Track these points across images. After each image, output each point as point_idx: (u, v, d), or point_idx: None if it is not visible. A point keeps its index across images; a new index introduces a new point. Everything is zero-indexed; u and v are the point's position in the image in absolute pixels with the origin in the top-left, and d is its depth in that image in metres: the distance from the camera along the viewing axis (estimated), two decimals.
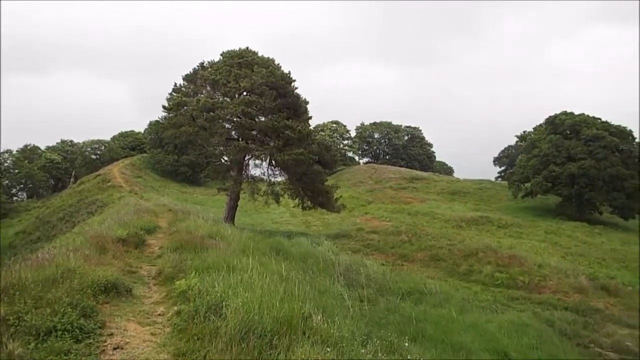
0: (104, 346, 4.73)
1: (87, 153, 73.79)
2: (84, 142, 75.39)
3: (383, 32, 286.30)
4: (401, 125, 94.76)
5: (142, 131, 74.01)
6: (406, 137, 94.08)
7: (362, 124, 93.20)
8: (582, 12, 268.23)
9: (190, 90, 27.90)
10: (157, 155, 60.96)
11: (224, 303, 5.51)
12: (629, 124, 50.61)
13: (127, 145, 74.13)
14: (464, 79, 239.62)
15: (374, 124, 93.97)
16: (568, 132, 50.49)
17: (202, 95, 26.93)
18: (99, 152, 73.99)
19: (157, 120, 29.24)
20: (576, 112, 52.37)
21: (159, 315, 6.04)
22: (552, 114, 53.99)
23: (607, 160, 46.51)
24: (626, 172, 46.39)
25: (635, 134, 50.52)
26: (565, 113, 52.57)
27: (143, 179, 53.50)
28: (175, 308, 5.95)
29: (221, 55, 28.65)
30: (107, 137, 78.26)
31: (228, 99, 26.36)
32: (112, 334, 5.03)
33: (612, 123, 50.10)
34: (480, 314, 12.56)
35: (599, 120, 50.36)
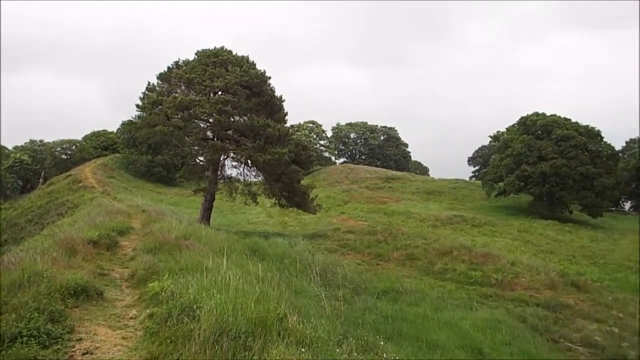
0: (73, 351, 4.60)
1: (57, 153, 71.88)
2: (53, 142, 73.42)
3: (357, 34, 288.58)
4: (377, 126, 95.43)
5: (115, 131, 72.63)
6: (382, 137, 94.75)
7: (338, 124, 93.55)
8: (548, 17, 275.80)
9: (164, 89, 27.48)
10: (131, 155, 59.91)
11: (197, 305, 5.43)
12: (597, 124, 52.17)
13: (99, 145, 72.59)
14: (437, 80, 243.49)
15: (350, 124, 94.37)
16: (540, 133, 51.64)
17: (177, 94, 26.56)
18: (69, 152, 72.19)
19: (130, 120, 28.79)
20: (548, 113, 53.65)
21: (131, 318, 5.92)
22: (525, 114, 55.21)
23: (577, 160, 47.77)
24: (595, 170, 47.72)
25: (603, 135, 52.07)
26: (537, 114, 53.76)
27: (116, 180, 52.48)
28: (148, 311, 5.84)
29: (196, 54, 28.32)
30: (79, 137, 76.57)
31: (204, 98, 26.05)
32: (81, 339, 4.90)
33: (581, 124, 51.49)
34: (455, 312, 12.72)
35: (569, 121, 51.68)
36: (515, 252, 26.18)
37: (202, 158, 29.26)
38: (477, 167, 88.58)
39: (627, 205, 72.08)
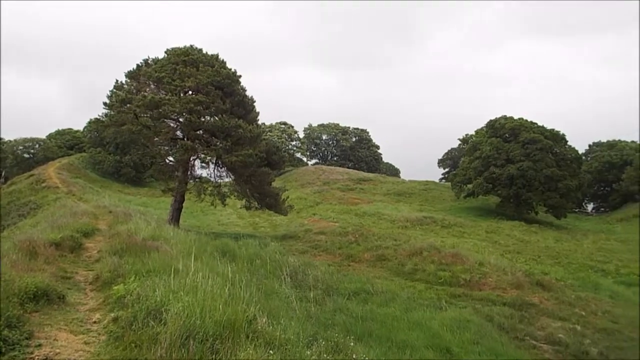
0: (31, 358, 4.42)
1: (19, 152, 69.32)
2: (15, 140, 70.74)
3: (326, 37, 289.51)
4: (349, 127, 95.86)
5: (82, 129, 70.67)
6: (354, 139, 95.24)
7: (310, 125, 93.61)
8: (509, 25, 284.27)
9: (133, 87, 26.90)
10: (98, 154, 58.44)
11: (164, 308, 5.31)
12: (559, 128, 53.78)
13: (64, 144, 70.49)
14: (407, 83, 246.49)
15: (322, 125, 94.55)
16: (507, 136, 52.85)
17: (146, 93, 26.03)
18: (32, 151, 69.76)
19: (97, 118, 28.02)
20: (515, 117, 54.96)
21: (94, 322, 5.74)
22: (492, 117, 56.43)
23: (543, 162, 49.09)
24: (559, 173, 49.15)
25: (567, 139, 53.73)
26: (505, 117, 54.99)
27: (82, 180, 51.09)
28: (112, 315, 5.67)
29: (166, 52, 27.81)
30: (42, 136, 74.14)
31: (174, 97, 25.62)
32: (40, 345, 4.71)
33: (546, 127, 52.96)
34: (424, 312, 12.86)
35: (535, 125, 53.08)
36: (483, 252, 26.66)
37: (171, 158, 28.78)
38: (446, 169, 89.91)
39: (590, 207, 74.54)
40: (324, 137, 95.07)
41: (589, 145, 73.93)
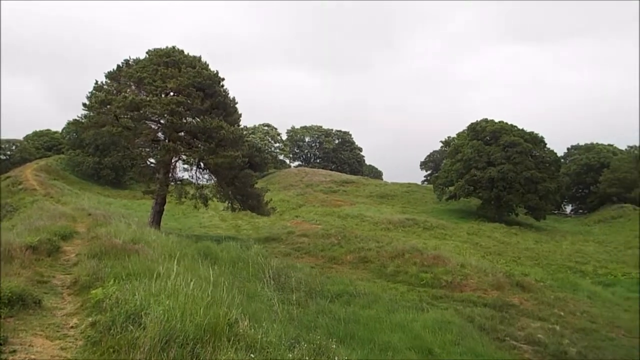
0: None
1: None
2: None
3: (308, 40, 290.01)
4: (332, 130, 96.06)
5: (60, 131, 69.43)
6: (337, 141, 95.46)
7: (293, 127, 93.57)
8: (486, 31, 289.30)
9: (113, 88, 26.50)
10: (77, 156, 57.46)
11: (144, 312, 5.23)
12: (538, 131, 54.84)
13: (42, 145, 69.16)
14: (390, 86, 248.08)
15: (305, 127, 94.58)
16: (488, 139, 53.55)
17: (126, 94, 25.68)
18: (9, 152, 68.27)
19: (76, 119, 27.55)
20: (496, 120, 55.73)
21: (72, 327, 5.61)
22: (473, 120, 57.13)
23: (523, 165, 49.85)
24: (539, 175, 49.97)
25: (546, 142, 54.66)
26: (486, 120, 55.72)
27: (60, 182, 50.20)
28: (90, 319, 5.55)
29: (147, 53, 27.49)
30: (20, 137, 72.58)
31: (155, 98, 25.33)
32: (15, 351, 4.59)
33: (526, 130, 53.81)
34: (407, 314, 12.91)
35: (515, 128, 53.89)
36: (465, 254, 26.94)
37: (152, 160, 28.45)
38: (429, 172, 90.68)
39: (568, 209, 75.90)
40: (307, 139, 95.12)
41: (568, 148, 75.40)
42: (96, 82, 26.82)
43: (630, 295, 24.06)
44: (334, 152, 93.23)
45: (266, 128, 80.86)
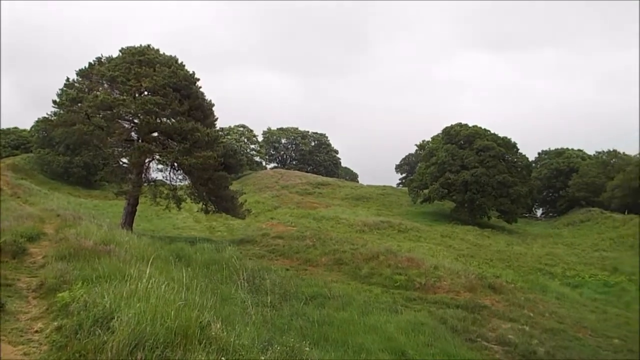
0: None
1: None
2: None
3: (284, 43, 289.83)
4: (308, 132, 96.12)
5: (29, 129, 67.57)
6: (313, 143, 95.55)
7: (269, 129, 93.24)
8: (458, 38, 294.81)
9: (85, 86, 25.92)
10: (46, 155, 55.99)
11: (113, 315, 5.11)
12: (510, 136, 56.17)
13: (8, 143, 67.07)
14: (366, 90, 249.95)
15: (281, 129, 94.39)
16: (462, 142, 54.39)
17: (98, 92, 25.14)
18: None
19: (46, 117, 26.82)
20: (470, 124, 56.66)
21: (36, 332, 5.44)
22: (448, 124, 57.96)
23: (495, 169, 50.81)
24: (511, 179, 51.00)
25: (518, 147, 55.86)
26: (460, 124, 56.58)
27: (28, 182, 48.79)
28: (56, 323, 5.40)
29: (120, 51, 26.98)
30: None
31: (128, 97, 24.86)
32: None
33: (499, 135, 54.88)
34: (381, 315, 12.97)
35: (488, 132, 54.89)
36: (438, 256, 27.26)
37: (125, 160, 27.91)
38: (404, 175, 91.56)
39: (539, 212, 77.68)
40: (283, 141, 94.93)
41: (538, 153, 77.16)
42: (67, 80, 26.20)
43: (596, 297, 24.76)
44: (310, 154, 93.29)
45: (242, 129, 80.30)
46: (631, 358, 13.97)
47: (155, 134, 26.27)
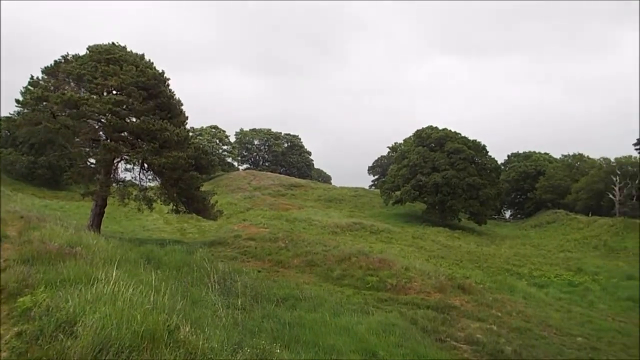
0: None
1: None
2: None
3: (256, 45, 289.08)
4: (281, 133, 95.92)
5: None
6: (286, 145, 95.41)
7: (242, 130, 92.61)
8: (426, 43, 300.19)
9: (50, 84, 25.16)
10: (9, 155, 54.16)
11: (77, 320, 4.98)
12: (480, 139, 57.46)
13: None
14: (338, 93, 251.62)
15: (254, 130, 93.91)
16: (433, 145, 55.19)
17: (65, 91, 24.45)
18: None
19: (8, 116, 25.84)
20: (440, 127, 57.51)
21: None
22: (419, 127, 58.74)
23: (465, 171, 51.72)
24: (480, 181, 52.00)
25: (487, 149, 56.99)
26: (431, 127, 57.40)
27: None
28: (16, 329, 5.21)
29: (87, 49, 26.29)
30: None
31: (95, 96, 24.26)
32: None
33: (469, 138, 55.90)
34: (352, 317, 13.01)
35: (459, 135, 55.85)
36: (409, 257, 27.54)
37: (93, 160, 27.21)
38: (376, 176, 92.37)
39: (508, 214, 79.48)
40: (256, 142, 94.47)
41: (507, 156, 79.03)
42: (31, 78, 25.40)
43: (561, 296, 25.46)
44: (283, 156, 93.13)
45: (214, 130, 79.53)
46: (594, 355, 14.41)
47: (124, 134, 25.70)
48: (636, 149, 58.92)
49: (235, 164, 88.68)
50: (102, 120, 25.20)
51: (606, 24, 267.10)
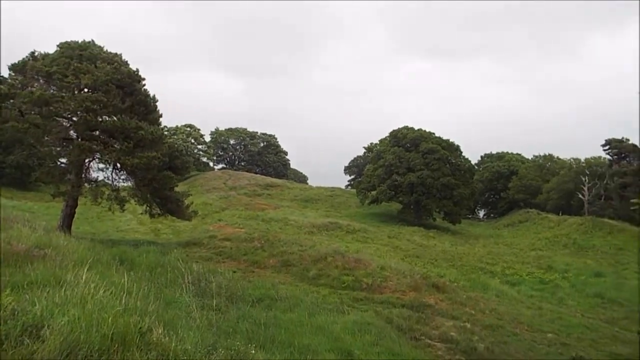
0: None
1: None
2: None
3: (232, 45, 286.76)
4: (257, 132, 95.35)
5: None
6: (262, 144, 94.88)
7: (217, 129, 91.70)
8: (398, 46, 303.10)
9: (17, 82, 24.46)
10: None
11: (45, 323, 4.84)
12: (454, 139, 58.23)
13: None
14: (315, 94, 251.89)
15: (230, 129, 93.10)
16: (409, 145, 55.70)
17: (34, 88, 23.79)
18: None
19: None
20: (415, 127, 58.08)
21: None
22: (394, 128, 59.21)
23: (440, 171, 52.36)
24: (454, 181, 52.73)
25: (461, 150, 57.87)
26: (406, 128, 57.92)
27: None
28: None
29: (58, 46, 25.65)
30: None
31: (67, 94, 23.68)
32: None
33: (443, 138, 56.61)
34: (328, 316, 13.04)
35: (433, 135, 56.51)
36: (385, 257, 27.76)
37: (64, 160, 26.56)
38: (352, 176, 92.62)
39: (481, 213, 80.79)
40: (232, 141, 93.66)
41: (481, 157, 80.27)
42: None
43: (533, 293, 26.05)
44: (259, 155, 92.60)
45: (189, 129, 78.46)
46: (564, 351, 14.77)
47: (96, 133, 25.17)
48: (604, 150, 60.64)
49: (211, 163, 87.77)
50: (74, 118, 24.63)
51: (575, 28, 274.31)
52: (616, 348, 16.18)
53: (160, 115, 27.49)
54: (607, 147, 59.83)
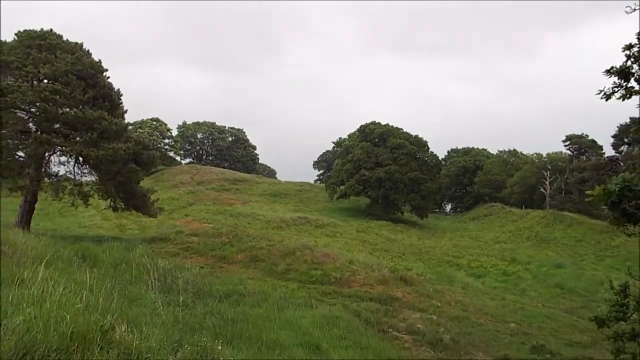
0: None
1: None
2: None
3: (199, 41, 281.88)
4: (225, 127, 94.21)
5: None
6: (230, 139, 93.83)
7: (185, 123, 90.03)
8: (364, 42, 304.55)
9: None
10: None
11: (0, 323, 4.65)
12: (422, 135, 58.89)
13: None
14: (281, 89, 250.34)
15: (197, 123, 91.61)
16: (377, 140, 56.14)
17: None
18: None
19: None
20: (383, 122, 58.56)
21: None
22: (363, 123, 59.54)
23: (408, 166, 53.02)
24: (422, 176, 53.50)
25: (429, 145, 58.73)
26: (374, 123, 58.32)
27: None
28: None
29: (16, 34, 24.63)
30: None
31: (25, 85, 22.78)
32: None
33: (411, 134, 57.30)
34: (296, 311, 13.05)
35: (401, 131, 57.12)
36: (353, 251, 27.95)
37: (21, 153, 25.56)
38: (321, 171, 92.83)
39: (448, 207, 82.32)
40: (199, 135, 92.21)
41: (448, 152, 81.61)
42: None
43: (496, 285, 26.75)
44: (228, 150, 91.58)
45: (155, 123, 76.73)
46: (525, 340, 15.22)
47: (57, 125, 24.31)
48: (565, 146, 62.61)
49: (178, 158, 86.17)
50: (32, 110, 23.74)
51: (534, 28, 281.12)
52: (575, 336, 16.78)
53: (126, 111, 26.81)
54: (567, 143, 61.80)
